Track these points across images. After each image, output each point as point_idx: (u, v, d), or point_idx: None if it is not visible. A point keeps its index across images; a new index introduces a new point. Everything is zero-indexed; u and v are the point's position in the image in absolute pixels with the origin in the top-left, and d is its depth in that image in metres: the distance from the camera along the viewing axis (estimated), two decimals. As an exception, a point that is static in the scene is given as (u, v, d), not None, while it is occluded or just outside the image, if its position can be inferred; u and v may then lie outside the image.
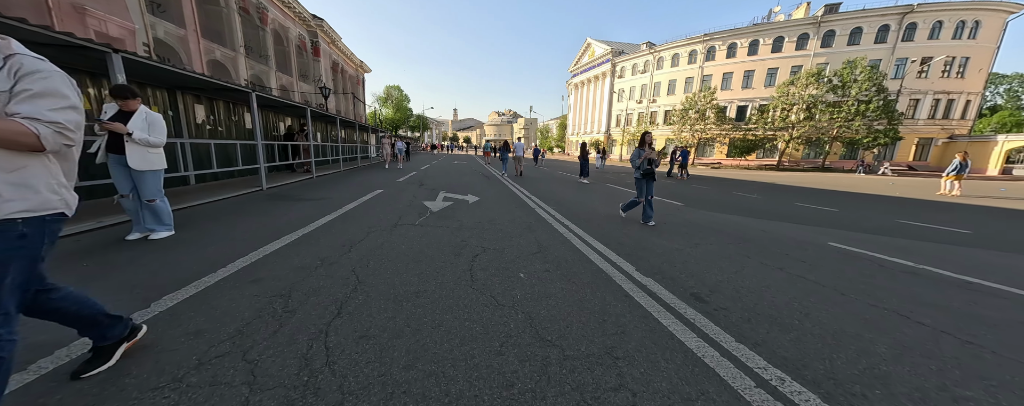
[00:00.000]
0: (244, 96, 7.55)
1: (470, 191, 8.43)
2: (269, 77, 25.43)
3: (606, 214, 6.12)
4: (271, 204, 5.82)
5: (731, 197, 9.43)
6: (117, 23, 12.26)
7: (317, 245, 3.68)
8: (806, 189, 12.60)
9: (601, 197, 8.48)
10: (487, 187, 9.51)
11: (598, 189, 10.19)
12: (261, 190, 7.10)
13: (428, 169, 15.77)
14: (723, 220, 5.97)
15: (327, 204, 5.98)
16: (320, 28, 33.23)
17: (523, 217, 5.62)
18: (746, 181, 15.51)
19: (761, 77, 34.96)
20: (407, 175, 12.20)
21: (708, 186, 12.56)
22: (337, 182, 9.08)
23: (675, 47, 40.97)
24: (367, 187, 8.35)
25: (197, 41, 17.58)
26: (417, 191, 8.11)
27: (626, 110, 48.28)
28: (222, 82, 6.31)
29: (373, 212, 5.50)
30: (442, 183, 9.94)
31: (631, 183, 12.46)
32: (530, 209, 6.45)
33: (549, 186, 10.52)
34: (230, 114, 8.68)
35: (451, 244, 3.90)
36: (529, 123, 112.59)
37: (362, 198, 6.77)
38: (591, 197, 8.38)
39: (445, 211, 5.86)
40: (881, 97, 25.37)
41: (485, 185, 9.96)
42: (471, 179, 11.63)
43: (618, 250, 3.87)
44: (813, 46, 32.03)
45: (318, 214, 5.16)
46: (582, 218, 5.64)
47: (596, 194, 9.09)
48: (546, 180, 13.03)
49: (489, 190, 8.92)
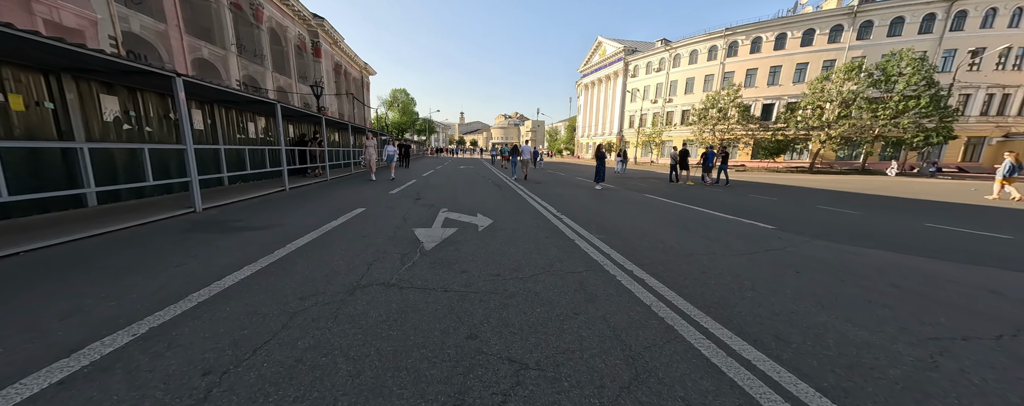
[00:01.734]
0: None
1: (479, 207, 6.49)
2: (264, 78, 23.96)
3: (687, 251, 4.09)
4: (180, 240, 3.93)
5: (817, 212, 7.31)
6: (74, 12, 10.67)
7: (179, 350, 1.76)
8: (888, 198, 10.35)
9: (652, 216, 6.44)
10: (500, 200, 7.56)
11: (633, 201, 8.15)
12: (193, 211, 5.26)
13: (430, 176, 13.88)
14: (884, 262, 3.90)
15: (271, 237, 4.07)
16: (321, 28, 31.86)
17: (564, 257, 3.64)
18: (795, 187, 13.29)
19: (789, 73, 32.54)
20: (403, 185, 10.30)
21: (761, 194, 10.41)
22: (311, 196, 7.23)
23: (693, 43, 38.74)
24: (346, 204, 6.46)
25: (180, 37, 16.06)
26: (410, 209, 6.18)
27: (640, 110, 46.06)
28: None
29: (333, 252, 3.57)
30: (444, 196, 8.02)
31: (661, 189, 10.37)
32: (568, 239, 4.47)
33: (572, 195, 8.54)
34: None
35: (448, 346, 1.94)
36: (536, 125, 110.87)
37: (331, 223, 4.86)
38: (639, 216, 6.36)
39: (444, 247, 3.91)
40: (932, 91, 22.86)
41: (497, 197, 8.01)
42: (480, 188, 9.69)
43: (800, 367, 1.86)
44: (848, 38, 29.56)
45: (239, 260, 3.24)
46: (657, 261, 3.63)
47: (638, 209, 7.05)
48: (561, 185, 11.07)
49: (504, 205, 6.96)
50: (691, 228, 5.29)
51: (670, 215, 6.44)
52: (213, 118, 7.61)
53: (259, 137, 9.64)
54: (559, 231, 4.87)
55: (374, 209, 6.09)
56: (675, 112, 41.95)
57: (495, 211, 6.20)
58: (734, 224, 5.70)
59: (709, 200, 8.74)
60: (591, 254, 3.79)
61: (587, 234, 4.73)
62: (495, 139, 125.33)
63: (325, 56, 33.52)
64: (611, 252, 3.89)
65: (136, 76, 5.08)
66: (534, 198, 8.10)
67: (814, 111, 27.41)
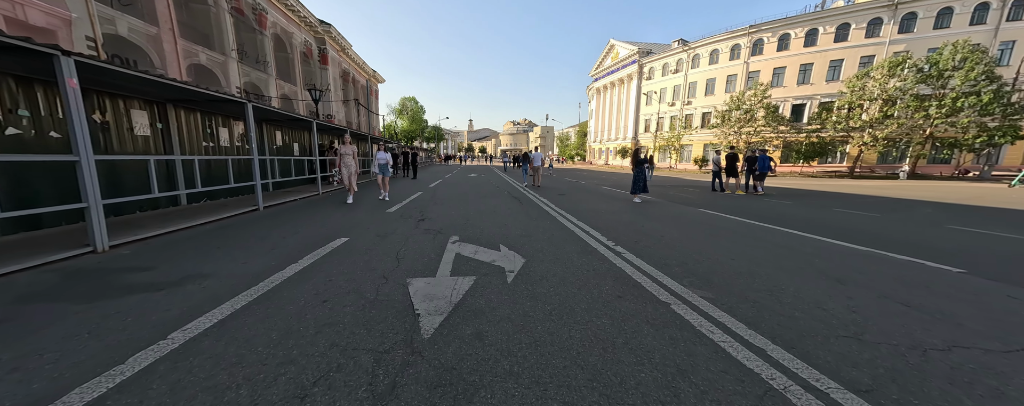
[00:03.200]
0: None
1: (502, 233, 4.84)
2: (268, 85, 23.02)
3: (881, 331, 2.35)
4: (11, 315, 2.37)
5: (972, 237, 5.42)
6: (43, 9, 9.57)
7: None
8: (982, 208, 8.29)
9: (745, 246, 4.67)
10: (526, 220, 5.90)
11: (694, 219, 6.37)
12: (91, 251, 3.72)
13: (439, 188, 12.32)
14: None
15: (166, 308, 2.48)
16: (328, 34, 31.11)
17: (675, 354, 1.93)
18: (863, 196, 11.26)
19: (822, 71, 30.31)
20: (406, 200, 8.74)
21: (841, 206, 8.47)
22: (285, 220, 5.69)
23: (714, 42, 36.83)
24: (325, 231, 4.87)
25: (173, 41, 15.05)
26: (408, 238, 4.57)
27: (657, 114, 44.11)
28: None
29: (246, 357, 1.95)
30: (454, 215, 6.40)
31: (712, 201, 8.48)
32: (653, 298, 2.73)
33: (611, 211, 6.79)
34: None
35: None
36: (545, 131, 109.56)
37: (284, 272, 3.25)
38: (727, 246, 4.60)
39: (456, 328, 2.24)
40: (994, 86, 20.48)
41: (521, 216, 6.35)
42: (497, 202, 8.04)
43: None
44: (888, 32, 27.30)
45: (47, 389, 1.65)
46: (855, 359, 1.89)
47: (712, 233, 5.28)
48: (590, 197, 9.33)
49: (533, 228, 5.29)
50: (834, 273, 3.45)
51: (771, 244, 4.65)
52: (166, 121, 6.15)
53: (236, 145, 8.26)
54: (631, 280, 3.18)
55: (360, 239, 4.48)
56: (695, 114, 39.89)
57: (525, 240, 4.55)
58: (901, 266, 3.72)
59: (788, 216, 6.91)
60: (720, 341, 2.07)
61: (677, 287, 3.00)
62: (504, 145, 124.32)
63: (332, 63, 32.75)
64: (750, 334, 2.16)
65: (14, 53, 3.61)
66: (566, 216, 6.41)
67: (853, 111, 25.15)
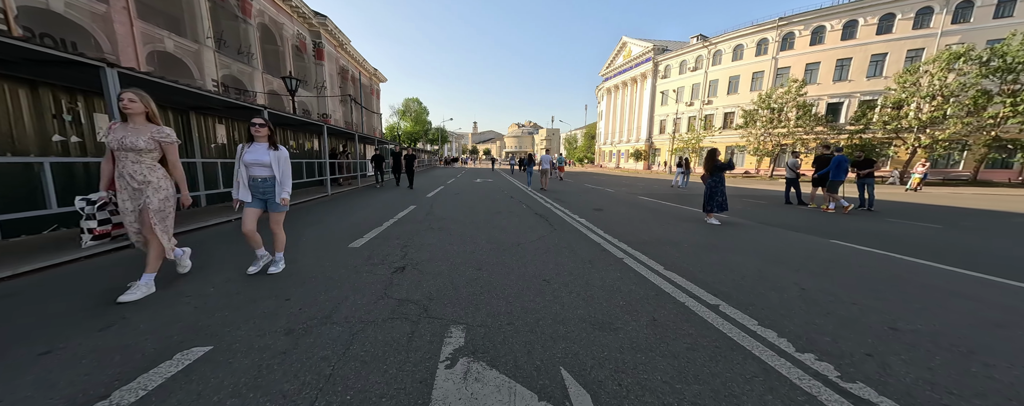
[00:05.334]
0: None
1: (549, 314, 2.37)
2: (253, 79, 20.81)
3: None
4: None
5: None
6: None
7: None
8: None
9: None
10: (582, 274, 3.38)
11: (848, 262, 3.84)
12: None
13: (437, 199, 9.88)
14: None
15: None
16: (323, 27, 28.98)
17: None
18: (980, 211, 8.64)
19: (862, 66, 27.59)
20: (387, 223, 6.32)
21: (994, 231, 5.87)
22: (219, 252, 3.29)
23: (738, 37, 34.23)
24: (194, 323, 2.45)
25: (129, 22, 12.81)
26: (355, 342, 2.11)
27: (675, 114, 41.49)
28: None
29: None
30: (457, 259, 3.94)
31: (795, 221, 5.27)
32: None
33: (701, 244, 4.21)
34: None
35: None
36: (551, 134, 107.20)
37: None
38: None
39: None
40: (1080, 80, 17.74)
41: (568, 260, 3.85)
42: (519, 228, 5.54)
43: None
44: (940, 23, 24.56)
45: None
46: None
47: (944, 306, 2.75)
48: (639, 214, 6.50)
49: (607, 305, 2.75)
50: None
51: None
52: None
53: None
54: None
55: (236, 351, 2.04)
56: (716, 114, 37.25)
57: (601, 337, 2.08)
58: None
59: (943, 247, 4.34)
60: None
61: None
62: (508, 148, 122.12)
63: (328, 59, 30.59)
64: None
65: None
66: (636, 255, 3.91)
67: (904, 110, 22.42)
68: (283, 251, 3.37)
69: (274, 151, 3.14)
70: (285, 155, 3.20)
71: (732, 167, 6.36)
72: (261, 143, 3.14)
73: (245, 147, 3.12)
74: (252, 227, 3.13)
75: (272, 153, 3.12)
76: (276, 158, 3.13)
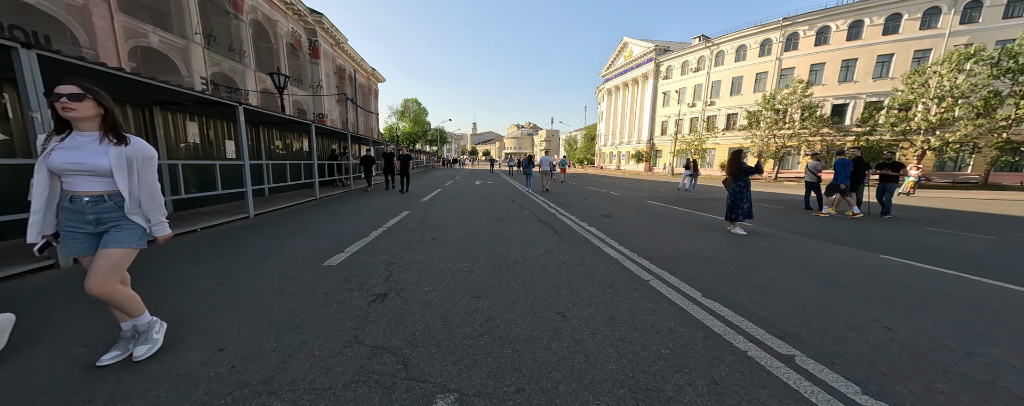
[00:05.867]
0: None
1: (568, 369, 1.74)
2: (245, 77, 20.13)
3: None
4: None
5: None
6: None
7: None
8: None
9: None
10: (605, 304, 2.73)
11: (919, 288, 3.23)
12: None
13: (433, 203, 9.24)
14: None
15: None
16: (319, 25, 28.30)
17: None
18: (1008, 217, 8.04)
19: (868, 67, 27.10)
20: (375, 233, 5.68)
21: None
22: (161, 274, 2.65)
23: (741, 37, 33.73)
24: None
25: (109, 15, 12.14)
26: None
27: (677, 115, 40.95)
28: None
29: None
30: (450, 282, 3.30)
31: (823, 230, 4.66)
32: None
33: (730, 260, 3.55)
34: None
35: None
36: (551, 135, 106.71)
37: None
38: None
39: None
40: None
41: (585, 283, 3.21)
42: (522, 239, 4.89)
43: None
44: (948, 23, 24.08)
45: None
46: None
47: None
48: (651, 220, 5.77)
49: (648, 354, 2.15)
50: None
51: None
52: None
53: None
54: None
55: None
56: (718, 116, 36.73)
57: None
58: None
59: (1020, 264, 3.73)
60: None
61: None
62: (508, 149, 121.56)
63: (325, 57, 29.92)
64: None
65: None
66: (661, 275, 3.28)
67: (912, 111, 21.91)
68: (144, 313, 1.90)
69: (115, 146, 1.69)
70: (145, 152, 1.78)
71: (760, 171, 5.59)
72: (87, 133, 1.67)
73: (53, 140, 1.65)
74: None
75: (113, 150, 1.68)
76: (124, 159, 1.70)
